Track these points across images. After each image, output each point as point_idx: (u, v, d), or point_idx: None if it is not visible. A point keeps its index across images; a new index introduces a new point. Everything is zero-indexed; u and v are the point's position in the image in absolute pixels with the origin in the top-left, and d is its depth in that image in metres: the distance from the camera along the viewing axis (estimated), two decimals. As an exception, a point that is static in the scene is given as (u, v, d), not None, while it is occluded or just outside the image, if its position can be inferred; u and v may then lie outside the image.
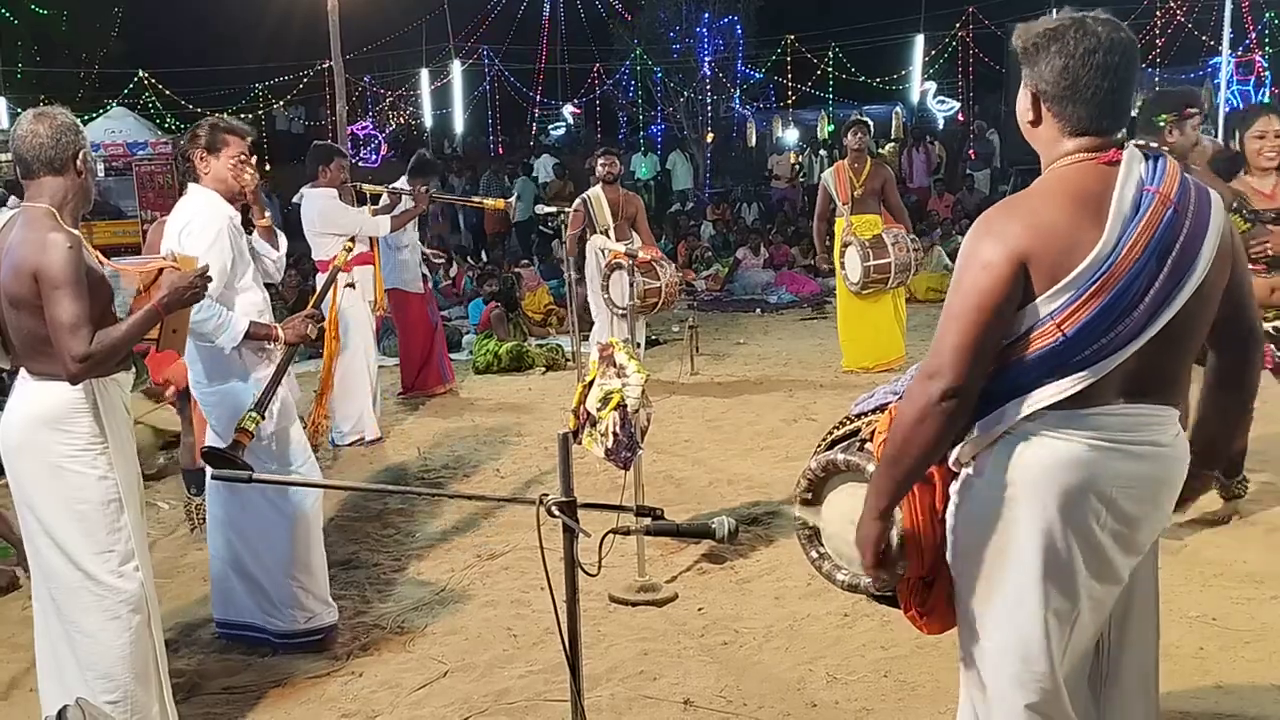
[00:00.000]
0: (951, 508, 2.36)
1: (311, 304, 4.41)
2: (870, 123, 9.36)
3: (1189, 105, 4.77)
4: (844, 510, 2.49)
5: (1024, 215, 2.20)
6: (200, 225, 4.01)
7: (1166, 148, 4.57)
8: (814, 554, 2.60)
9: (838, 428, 2.64)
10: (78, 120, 3.30)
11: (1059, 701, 2.31)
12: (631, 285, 5.94)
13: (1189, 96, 4.91)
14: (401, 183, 7.98)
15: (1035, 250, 2.15)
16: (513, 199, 8.15)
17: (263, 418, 4.01)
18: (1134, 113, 4.95)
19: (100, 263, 3.27)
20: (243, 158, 4.18)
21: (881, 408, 2.52)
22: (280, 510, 4.18)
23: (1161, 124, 4.69)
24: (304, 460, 4.28)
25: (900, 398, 2.42)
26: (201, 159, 4.16)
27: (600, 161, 8.48)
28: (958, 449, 2.30)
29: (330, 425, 6.76)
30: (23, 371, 3.27)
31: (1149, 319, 2.15)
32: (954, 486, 2.36)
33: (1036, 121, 2.32)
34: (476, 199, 9.44)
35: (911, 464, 2.26)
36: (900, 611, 2.56)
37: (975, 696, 2.41)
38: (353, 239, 4.90)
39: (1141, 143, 2.35)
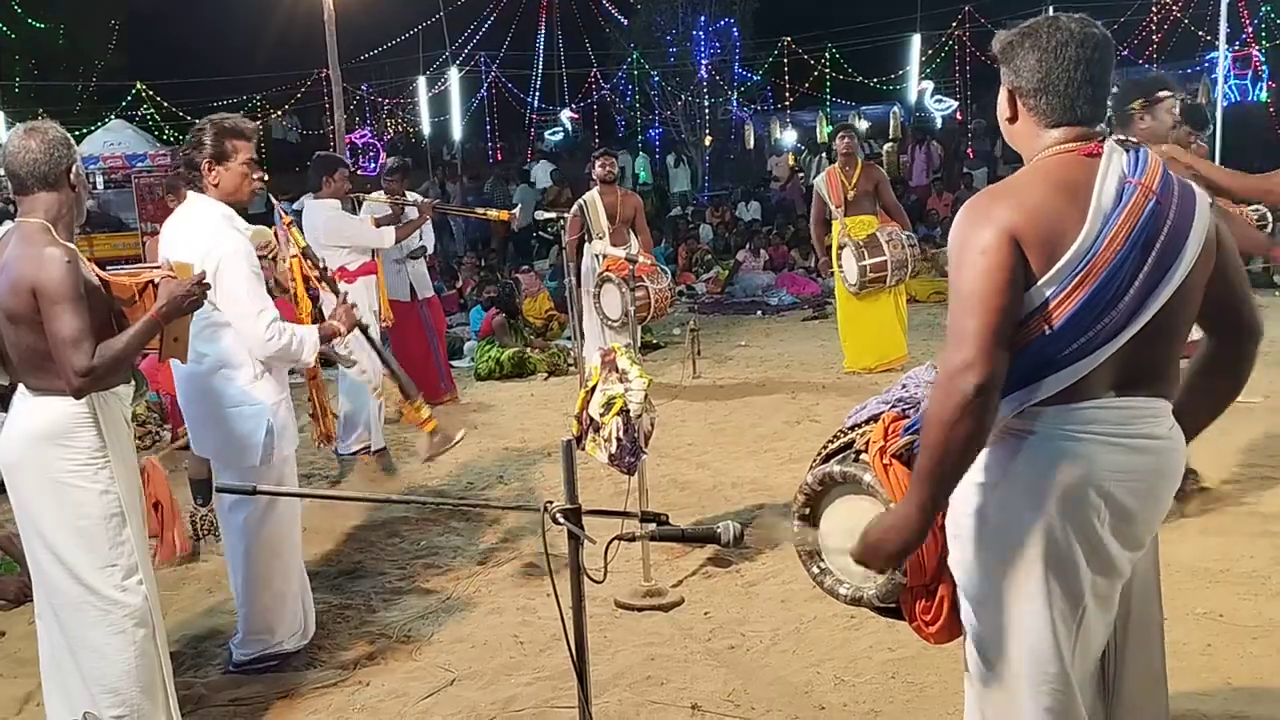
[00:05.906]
0: (950, 513, 2.32)
1: (320, 293, 4.38)
2: (857, 127, 9.41)
3: (1161, 89, 4.60)
4: (844, 523, 2.47)
5: (1009, 197, 2.19)
6: (230, 257, 3.74)
7: (1137, 137, 4.44)
8: (815, 569, 2.59)
9: (831, 441, 2.63)
10: (69, 134, 3.29)
11: (1074, 704, 2.27)
12: (632, 291, 5.93)
13: (1160, 81, 4.73)
14: (379, 196, 8.02)
15: (1025, 229, 2.13)
16: (516, 210, 8.24)
17: (420, 399, 4.19)
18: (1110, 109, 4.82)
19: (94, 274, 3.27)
20: (251, 162, 3.90)
21: (874, 418, 2.51)
22: (247, 535, 4.06)
23: (1131, 111, 4.58)
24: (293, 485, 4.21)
25: (893, 406, 2.40)
26: (209, 169, 3.85)
27: (598, 162, 8.60)
28: None
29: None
30: (21, 387, 3.26)
31: (1135, 311, 2.14)
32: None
33: (1013, 118, 2.34)
34: (480, 210, 9.51)
35: (954, 466, 2.16)
36: (905, 622, 2.55)
37: (984, 703, 2.36)
38: (275, 232, 4.86)
39: (1120, 137, 2.35)
